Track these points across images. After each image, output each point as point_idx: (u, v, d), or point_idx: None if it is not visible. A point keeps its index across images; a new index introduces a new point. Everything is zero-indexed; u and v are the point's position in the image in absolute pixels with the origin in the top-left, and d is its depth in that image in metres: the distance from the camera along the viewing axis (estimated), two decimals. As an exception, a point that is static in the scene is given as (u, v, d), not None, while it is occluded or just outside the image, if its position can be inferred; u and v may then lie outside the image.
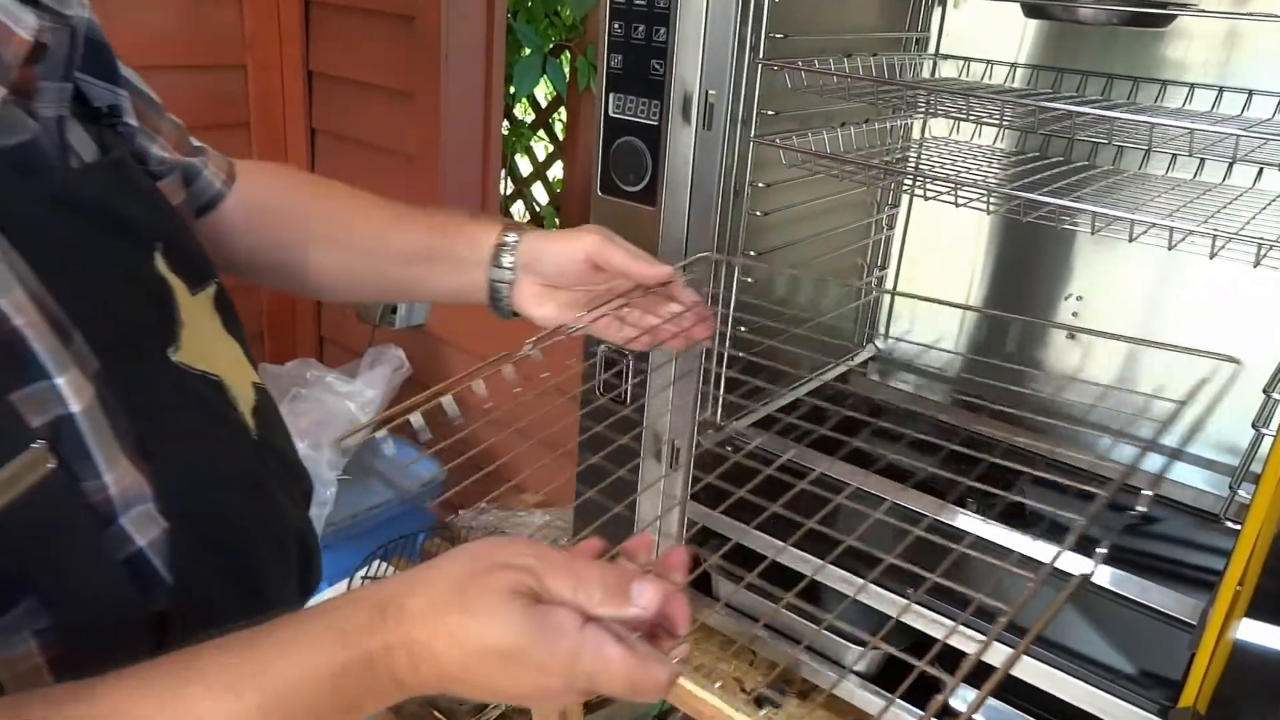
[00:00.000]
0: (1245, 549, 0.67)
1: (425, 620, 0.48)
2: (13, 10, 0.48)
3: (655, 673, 0.49)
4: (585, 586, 0.50)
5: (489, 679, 0.49)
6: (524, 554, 0.50)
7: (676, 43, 0.87)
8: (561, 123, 3.11)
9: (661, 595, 0.51)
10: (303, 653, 0.46)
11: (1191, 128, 0.76)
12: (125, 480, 0.52)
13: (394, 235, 0.84)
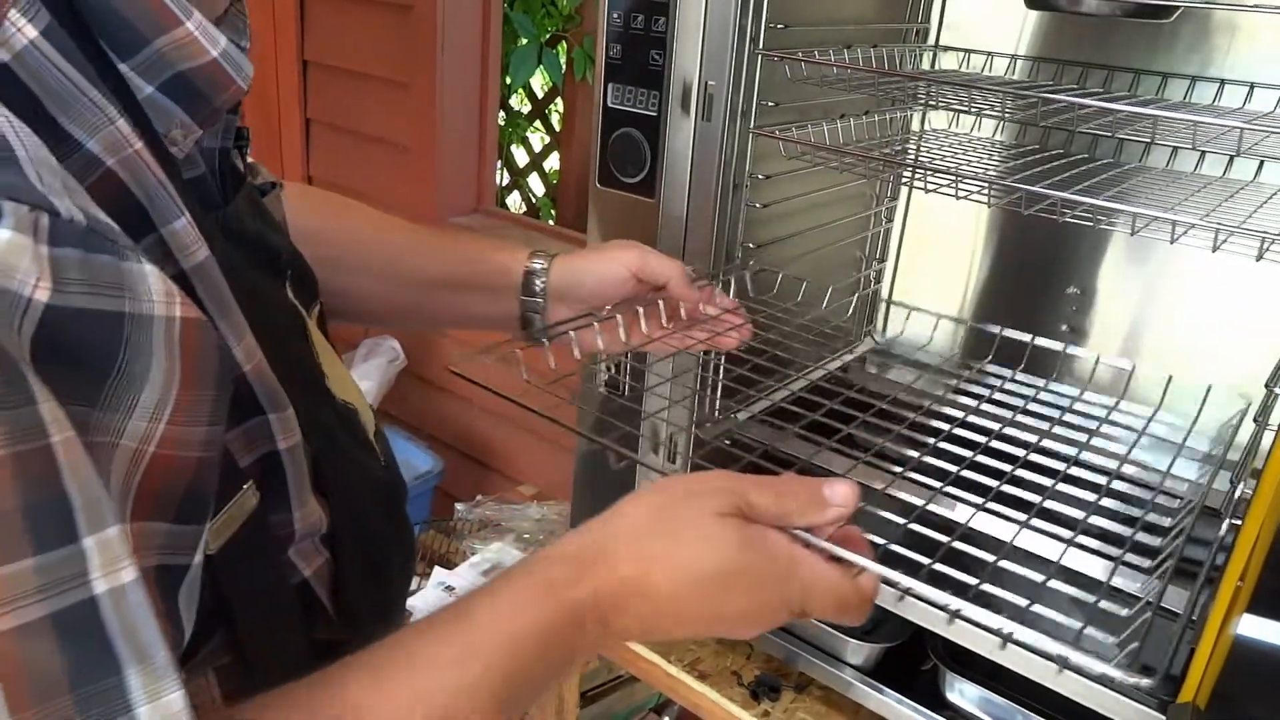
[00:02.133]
0: (1246, 544, 0.67)
1: (631, 558, 0.48)
2: (236, 59, 0.46)
3: (864, 588, 0.53)
4: (785, 496, 0.51)
5: (706, 606, 0.49)
6: (713, 477, 0.51)
7: (676, 33, 0.86)
8: (558, 113, 3.10)
9: (854, 491, 0.53)
10: (513, 616, 0.46)
11: (1195, 120, 0.76)
12: (311, 516, 0.52)
13: (425, 261, 0.82)
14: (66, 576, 0.31)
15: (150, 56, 0.42)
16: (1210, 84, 0.98)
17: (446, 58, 1.95)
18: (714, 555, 0.49)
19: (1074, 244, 1.13)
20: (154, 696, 0.33)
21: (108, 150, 0.39)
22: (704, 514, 0.49)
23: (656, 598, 0.48)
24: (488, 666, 0.44)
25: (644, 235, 0.93)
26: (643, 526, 0.50)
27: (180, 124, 0.45)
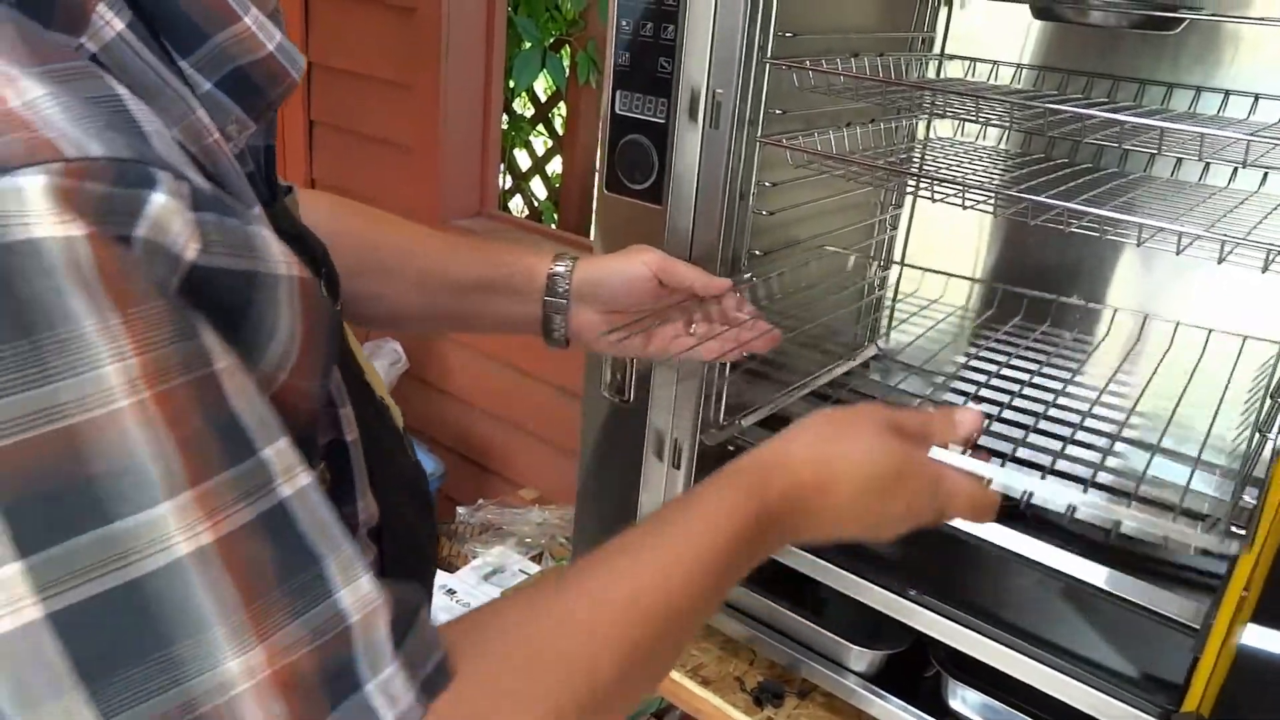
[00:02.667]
0: (1251, 555, 0.67)
1: (811, 464, 0.58)
2: (289, 51, 0.47)
3: (992, 494, 0.67)
4: (927, 420, 0.65)
5: (871, 507, 0.59)
6: (866, 405, 0.64)
7: (684, 41, 0.86)
8: (561, 117, 3.10)
9: (980, 416, 0.68)
10: (718, 515, 0.53)
11: (1202, 131, 0.76)
12: (369, 508, 0.54)
13: (460, 267, 0.83)
14: (259, 484, 0.35)
15: (211, 51, 0.43)
16: (1215, 95, 0.98)
17: (450, 60, 1.95)
18: (880, 462, 0.59)
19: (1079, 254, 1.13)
20: (350, 581, 0.37)
21: (190, 139, 0.40)
22: (867, 430, 0.61)
23: (831, 499, 0.58)
24: (698, 558, 0.51)
25: (650, 242, 0.93)
26: (816, 441, 0.60)
27: (236, 119, 0.45)
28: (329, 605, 0.36)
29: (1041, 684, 0.83)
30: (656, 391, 0.98)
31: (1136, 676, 0.81)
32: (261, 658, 0.34)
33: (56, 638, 0.31)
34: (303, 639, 0.35)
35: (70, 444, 0.32)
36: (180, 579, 0.33)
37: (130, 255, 0.33)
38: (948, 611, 0.89)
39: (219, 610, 0.33)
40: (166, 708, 0.32)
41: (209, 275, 0.36)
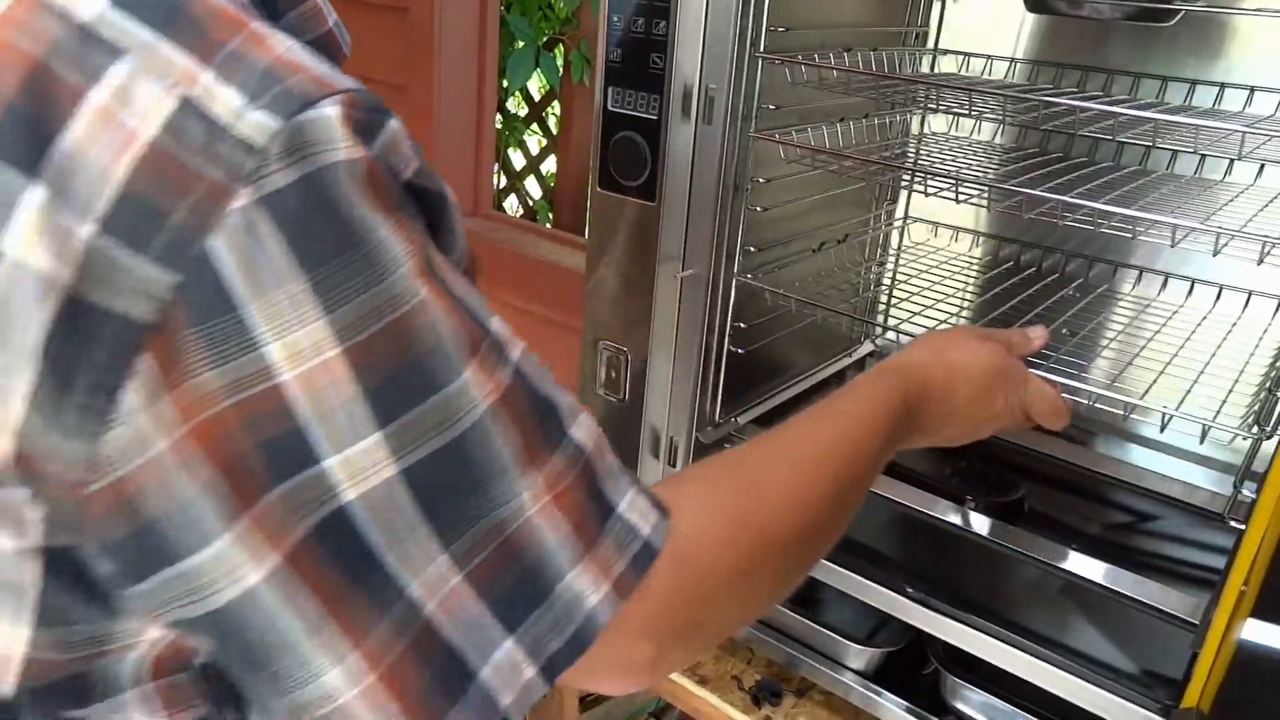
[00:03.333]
0: (1250, 549, 0.67)
1: (935, 365, 0.69)
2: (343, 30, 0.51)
3: (1066, 401, 0.77)
4: (1007, 333, 0.78)
5: (981, 401, 0.71)
6: (959, 328, 0.80)
7: (676, 36, 0.85)
8: (555, 116, 3.10)
9: (1046, 330, 0.81)
10: (869, 402, 0.62)
11: (1197, 124, 0.76)
12: None
13: None
14: (506, 345, 0.42)
15: (290, 24, 0.46)
16: (1210, 88, 0.98)
17: (443, 60, 1.94)
18: (987, 363, 0.71)
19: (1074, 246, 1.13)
20: (575, 417, 0.44)
21: None
22: (971, 338, 0.73)
23: (953, 391, 0.69)
24: (860, 430, 0.60)
25: (644, 239, 0.93)
26: (938, 348, 0.71)
27: None
28: (569, 441, 0.43)
29: (1041, 680, 0.83)
30: (652, 389, 0.98)
31: (1136, 672, 0.81)
32: (541, 483, 0.41)
33: (408, 489, 0.37)
34: (567, 469, 0.42)
35: (402, 332, 0.37)
36: (485, 432, 0.39)
37: (386, 172, 0.38)
38: (946, 608, 0.88)
39: (511, 446, 0.40)
40: (488, 528, 0.39)
41: (418, 192, 0.41)
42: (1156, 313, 1.05)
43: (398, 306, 0.37)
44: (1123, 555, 0.99)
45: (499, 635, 0.40)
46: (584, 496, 0.43)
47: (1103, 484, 1.08)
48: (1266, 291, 1.00)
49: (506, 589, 0.40)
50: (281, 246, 0.34)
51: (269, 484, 0.35)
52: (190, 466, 0.34)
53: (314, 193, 0.35)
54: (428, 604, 0.38)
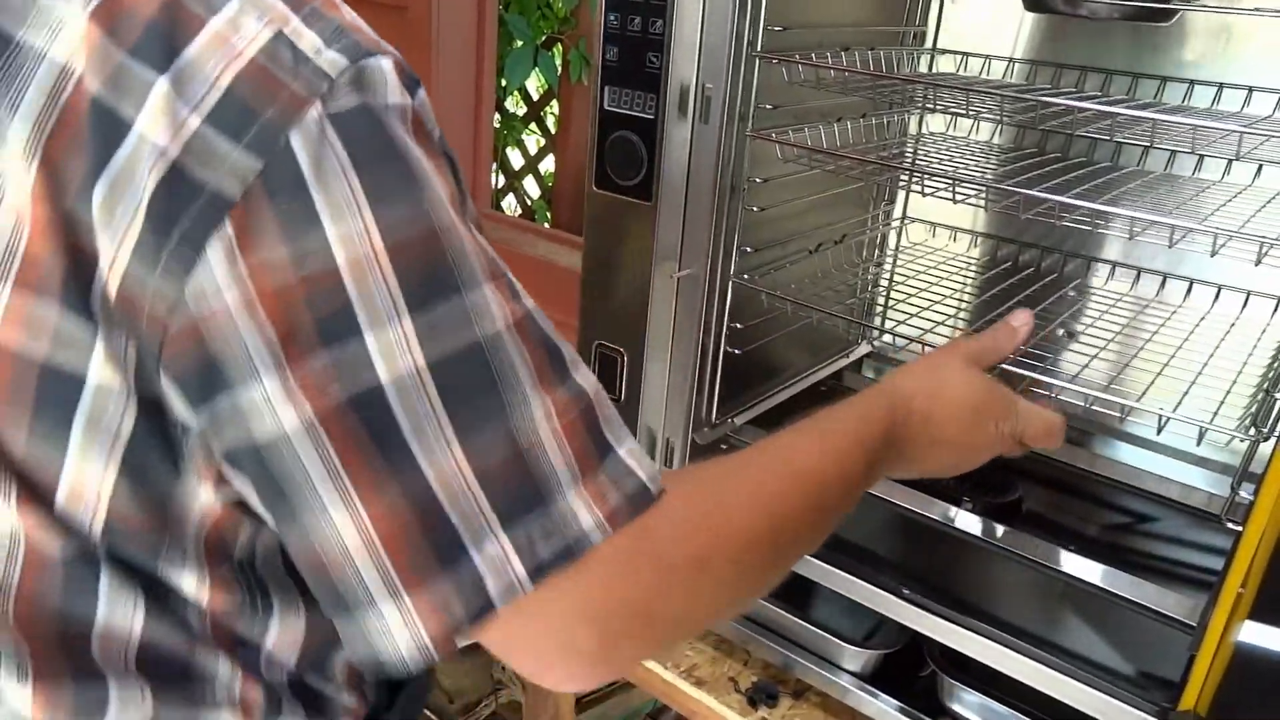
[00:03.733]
0: (1248, 551, 0.66)
1: (921, 395, 0.67)
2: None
3: (1058, 418, 0.74)
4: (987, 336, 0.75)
5: (970, 430, 0.69)
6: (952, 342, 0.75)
7: (673, 35, 0.85)
8: (554, 116, 3.09)
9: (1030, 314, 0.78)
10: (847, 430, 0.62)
11: (1194, 124, 0.75)
12: None
13: None
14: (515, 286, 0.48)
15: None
16: (1209, 88, 0.98)
17: (441, 60, 1.94)
18: (972, 392, 0.70)
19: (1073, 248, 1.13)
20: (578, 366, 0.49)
21: None
22: (957, 365, 0.71)
23: (937, 421, 0.67)
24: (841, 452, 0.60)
25: (640, 239, 0.92)
26: (923, 376, 0.70)
27: None
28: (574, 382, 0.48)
29: (1038, 682, 0.83)
30: (648, 390, 0.98)
31: (1133, 674, 0.81)
32: (551, 407, 0.46)
33: (434, 379, 0.43)
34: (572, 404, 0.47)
35: (435, 242, 0.43)
36: (503, 343, 0.45)
37: (426, 123, 0.47)
38: (943, 610, 0.88)
39: (526, 366, 0.45)
40: (501, 433, 0.44)
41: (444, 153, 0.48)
42: (1155, 313, 1.04)
43: (431, 222, 0.43)
44: (1120, 557, 0.99)
45: (496, 527, 0.44)
46: (586, 431, 0.47)
47: (1100, 485, 1.08)
48: (1265, 292, 1.00)
49: (509, 490, 0.44)
50: (344, 152, 0.42)
51: (316, 346, 0.41)
52: (253, 317, 0.41)
53: (371, 119, 0.43)
54: (437, 485, 0.43)
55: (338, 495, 0.43)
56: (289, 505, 0.44)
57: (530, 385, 0.45)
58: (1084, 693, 0.80)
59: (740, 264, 0.96)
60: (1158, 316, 1.03)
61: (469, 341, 0.44)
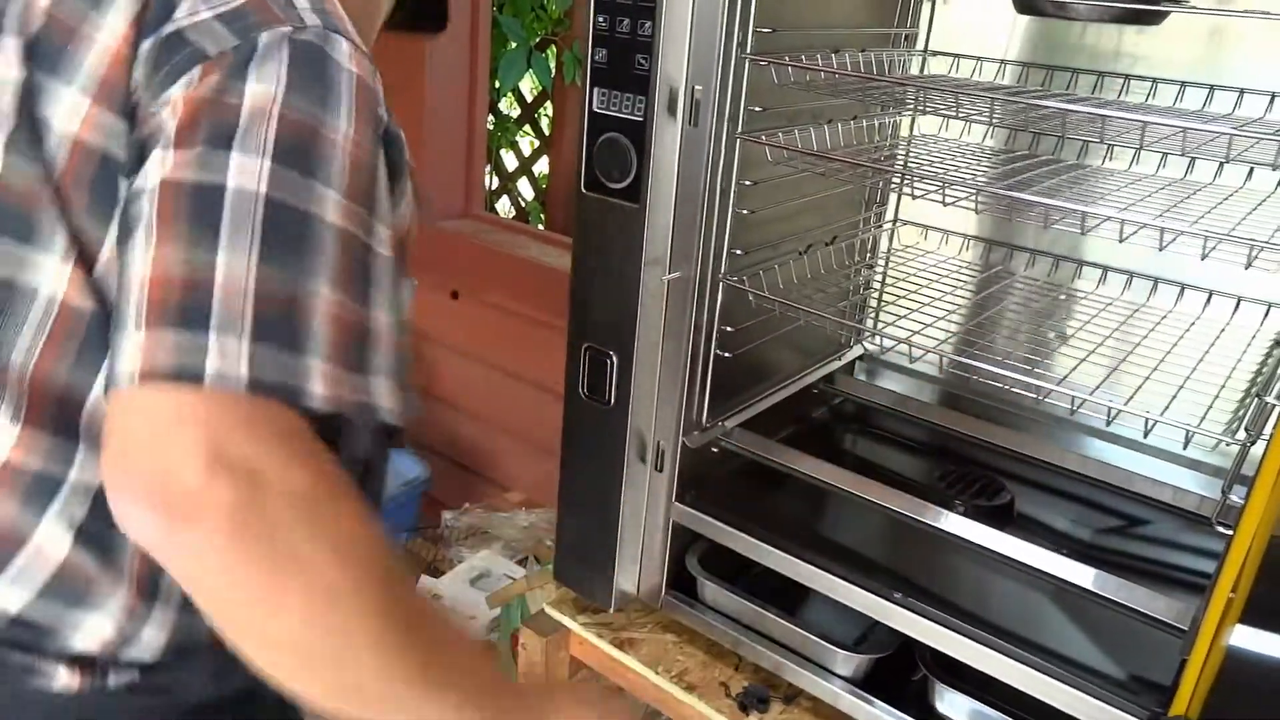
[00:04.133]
0: (1239, 555, 0.66)
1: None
2: None
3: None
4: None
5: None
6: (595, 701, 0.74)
7: (662, 37, 0.85)
8: (547, 117, 3.09)
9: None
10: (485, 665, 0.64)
11: (1184, 126, 0.75)
12: None
13: None
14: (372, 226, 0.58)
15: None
16: (1200, 89, 0.97)
17: (434, 61, 1.93)
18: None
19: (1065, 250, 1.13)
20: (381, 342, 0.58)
21: None
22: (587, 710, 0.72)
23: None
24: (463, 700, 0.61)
25: (630, 242, 0.92)
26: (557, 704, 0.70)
27: None
28: (369, 310, 0.57)
29: (1029, 687, 0.82)
30: (638, 393, 0.97)
31: (1125, 679, 0.80)
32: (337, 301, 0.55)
33: (263, 209, 0.54)
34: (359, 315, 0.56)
35: (319, 137, 0.56)
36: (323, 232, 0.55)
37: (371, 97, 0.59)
38: (934, 614, 0.88)
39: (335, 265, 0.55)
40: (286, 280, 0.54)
41: (391, 138, 0.60)
42: (1145, 318, 1.04)
43: (324, 126, 0.56)
44: (1112, 560, 0.99)
45: (244, 332, 0.52)
46: (354, 340, 0.56)
47: (1092, 488, 1.08)
48: (1255, 297, 1.00)
49: (274, 320, 0.53)
50: (288, 62, 0.57)
51: (199, 142, 0.55)
52: (175, 116, 0.56)
53: (321, 58, 0.58)
54: (222, 272, 0.53)
55: (155, 237, 0.53)
56: (130, 239, 0.55)
57: (329, 276, 0.55)
58: (1075, 697, 0.80)
59: (730, 267, 0.96)
60: (1148, 321, 1.03)
61: (304, 209, 0.55)
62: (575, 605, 1.11)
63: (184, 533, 0.50)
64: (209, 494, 0.50)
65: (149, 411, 0.52)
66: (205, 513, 0.50)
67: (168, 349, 0.51)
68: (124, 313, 0.53)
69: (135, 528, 0.52)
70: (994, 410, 1.18)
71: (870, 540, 1.04)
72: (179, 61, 0.57)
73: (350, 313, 0.56)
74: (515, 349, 1.94)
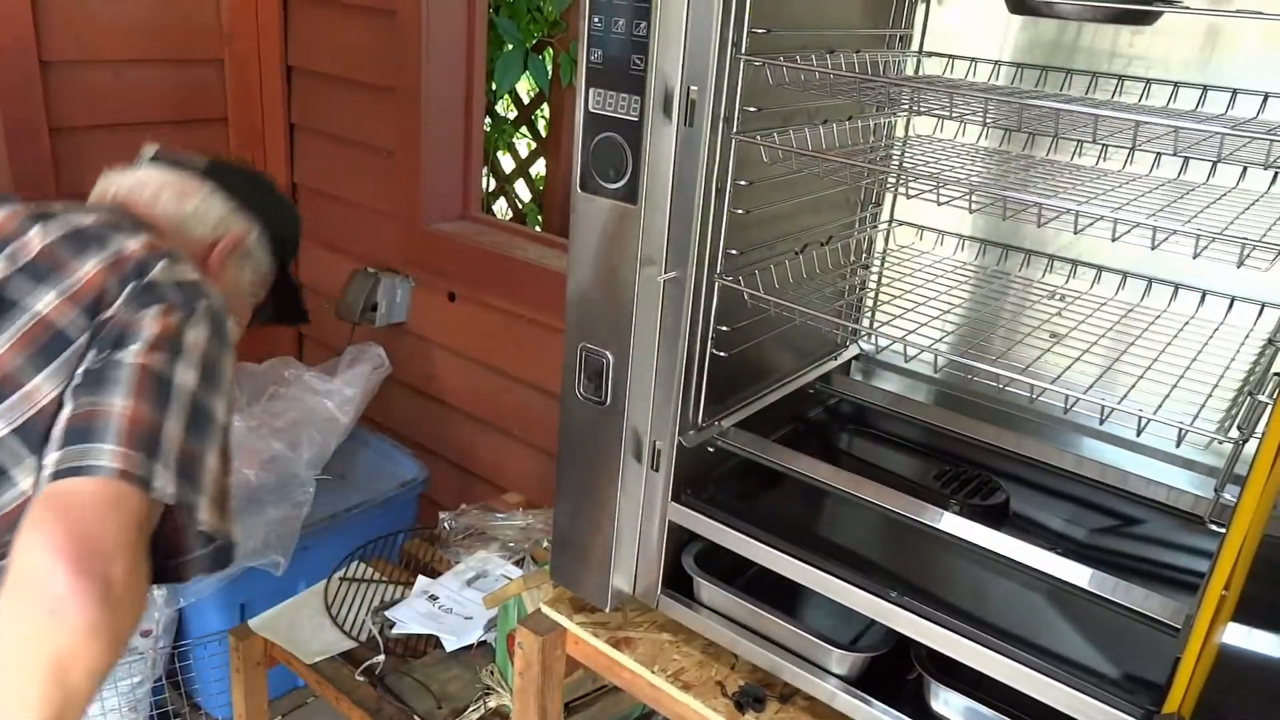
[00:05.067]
0: (1231, 553, 0.66)
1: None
2: None
3: None
4: None
5: None
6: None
7: (657, 37, 0.85)
8: (544, 119, 3.09)
9: None
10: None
11: (1177, 126, 0.75)
12: None
13: None
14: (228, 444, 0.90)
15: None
16: (1194, 90, 0.98)
17: (431, 63, 1.93)
18: None
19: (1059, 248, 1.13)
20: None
21: None
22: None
23: None
24: None
25: (626, 242, 0.92)
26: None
27: None
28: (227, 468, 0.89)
29: (1023, 685, 0.83)
30: (634, 392, 0.97)
31: (1118, 677, 0.81)
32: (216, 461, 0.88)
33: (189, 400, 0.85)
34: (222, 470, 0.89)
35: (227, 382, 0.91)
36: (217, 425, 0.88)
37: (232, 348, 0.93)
38: (929, 613, 0.88)
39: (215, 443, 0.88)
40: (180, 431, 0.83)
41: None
42: (1139, 317, 1.04)
43: (222, 366, 0.91)
44: (1105, 559, 0.99)
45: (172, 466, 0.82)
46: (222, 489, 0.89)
47: (1087, 487, 1.08)
48: (1248, 297, 1.00)
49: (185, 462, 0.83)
50: (209, 321, 0.90)
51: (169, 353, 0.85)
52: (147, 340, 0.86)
53: (223, 320, 0.92)
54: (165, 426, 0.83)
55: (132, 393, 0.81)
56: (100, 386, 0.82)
57: (216, 445, 0.87)
58: (1069, 695, 0.80)
59: (726, 266, 0.96)
60: (1142, 320, 1.03)
61: (208, 405, 0.86)
62: (572, 604, 1.11)
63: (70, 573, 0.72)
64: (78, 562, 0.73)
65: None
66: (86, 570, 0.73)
67: (134, 463, 0.78)
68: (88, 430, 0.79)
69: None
70: (988, 410, 1.18)
71: (866, 540, 1.04)
72: (151, 298, 0.86)
73: (219, 464, 0.87)
74: (512, 349, 1.94)
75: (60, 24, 1.89)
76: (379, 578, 1.69)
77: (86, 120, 1.98)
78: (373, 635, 1.52)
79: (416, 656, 1.50)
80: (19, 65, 1.84)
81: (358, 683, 1.44)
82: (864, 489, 0.96)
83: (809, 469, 1.00)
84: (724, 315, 0.97)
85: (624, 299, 0.94)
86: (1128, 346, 0.96)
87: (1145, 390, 0.86)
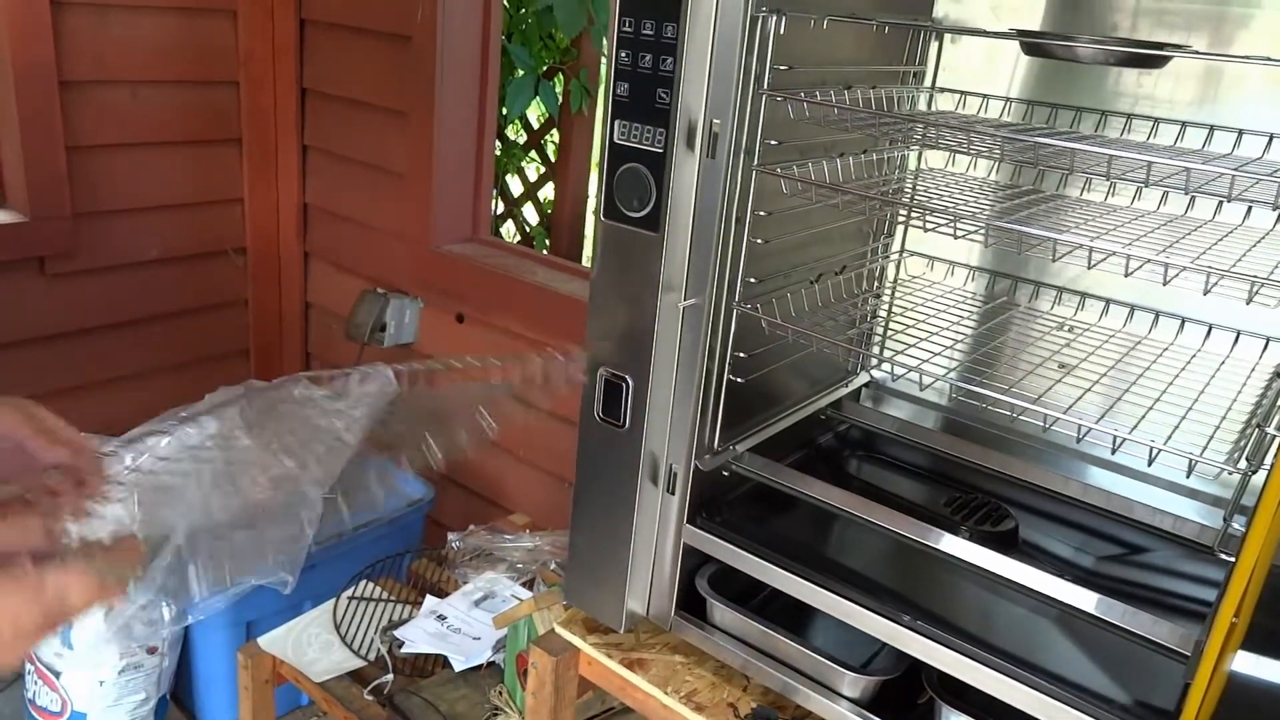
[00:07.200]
0: (1241, 581, 0.68)
1: None
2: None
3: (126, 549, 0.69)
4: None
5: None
6: None
7: (682, 73, 0.88)
8: (553, 144, 3.12)
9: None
10: None
11: (1188, 166, 0.78)
12: None
13: None
14: None
15: None
16: (1200, 129, 1.00)
17: (444, 88, 1.96)
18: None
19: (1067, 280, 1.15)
20: None
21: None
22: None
23: None
24: None
25: (647, 269, 0.94)
26: None
27: None
28: None
29: (1034, 710, 0.84)
30: (652, 416, 0.99)
31: (1129, 703, 0.82)
32: None
33: None
34: None
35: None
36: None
37: None
38: (941, 637, 0.89)
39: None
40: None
41: None
42: (1147, 349, 1.07)
43: None
44: (1113, 586, 1.01)
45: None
46: None
47: (1094, 516, 1.10)
48: (1254, 331, 1.02)
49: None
50: None
51: None
52: None
53: None
54: None
55: None
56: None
57: None
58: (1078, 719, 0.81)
59: (744, 294, 0.98)
60: (1150, 353, 1.05)
61: None
62: (585, 625, 1.12)
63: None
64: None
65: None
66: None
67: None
68: None
69: None
70: (996, 437, 1.20)
71: (877, 564, 1.06)
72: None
73: None
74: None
75: (81, 45, 1.92)
76: (387, 597, 1.69)
77: (103, 139, 2.00)
78: (381, 654, 1.53)
79: (425, 676, 1.50)
80: (39, 85, 1.87)
81: (366, 702, 1.44)
82: (876, 514, 0.98)
83: (822, 494, 1.02)
84: (741, 341, 0.99)
85: (645, 325, 0.96)
86: (1137, 378, 0.98)
87: (1154, 420, 0.88)
